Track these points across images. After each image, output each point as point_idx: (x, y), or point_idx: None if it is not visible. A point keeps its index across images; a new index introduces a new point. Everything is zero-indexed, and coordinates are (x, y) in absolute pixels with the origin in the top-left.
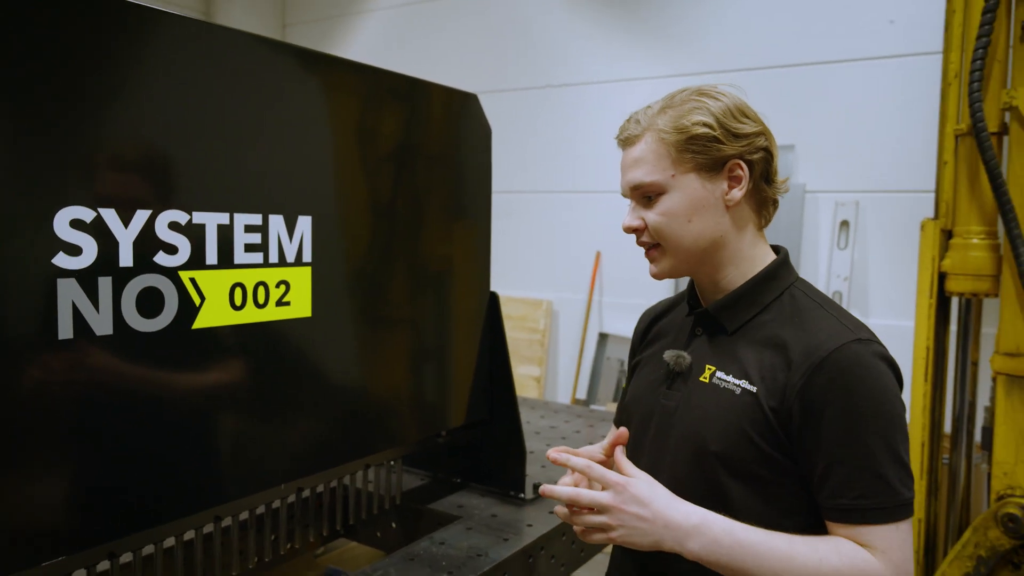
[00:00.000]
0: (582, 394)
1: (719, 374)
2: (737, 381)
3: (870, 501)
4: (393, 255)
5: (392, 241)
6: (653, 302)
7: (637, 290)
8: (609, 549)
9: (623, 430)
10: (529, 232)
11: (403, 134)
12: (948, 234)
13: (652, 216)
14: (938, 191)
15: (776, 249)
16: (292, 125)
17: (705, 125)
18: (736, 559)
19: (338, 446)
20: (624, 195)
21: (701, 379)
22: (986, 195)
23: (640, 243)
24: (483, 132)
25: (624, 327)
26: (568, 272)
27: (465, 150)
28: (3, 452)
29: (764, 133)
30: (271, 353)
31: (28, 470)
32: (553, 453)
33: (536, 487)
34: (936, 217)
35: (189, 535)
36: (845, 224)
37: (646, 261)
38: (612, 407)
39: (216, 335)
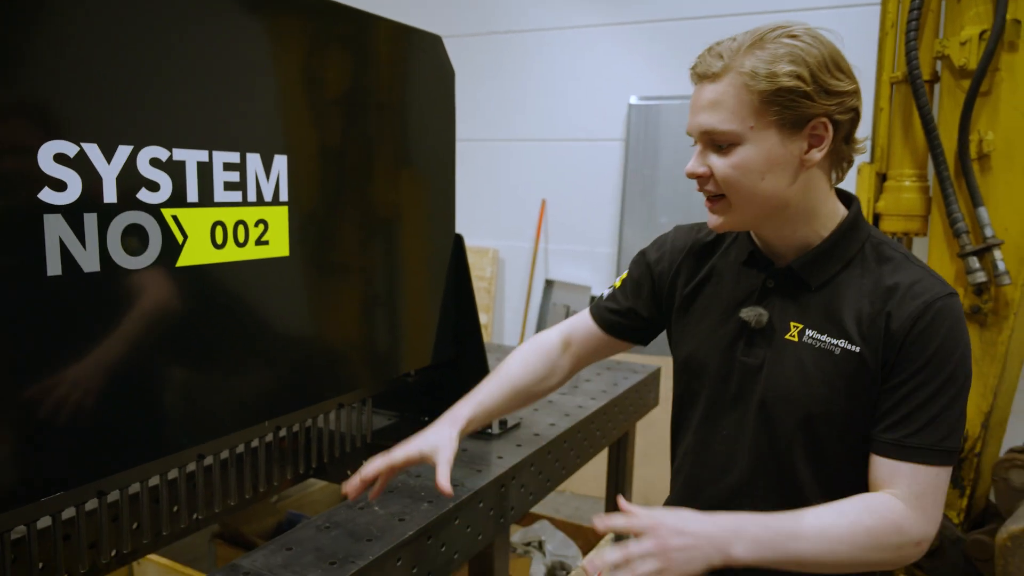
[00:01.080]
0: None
1: (811, 333)
2: (835, 340)
3: (918, 440)
4: (364, 197)
5: (364, 183)
6: (598, 250)
7: (581, 237)
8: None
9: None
10: (475, 181)
11: (374, 75)
12: (883, 177)
13: (722, 166)
14: (874, 136)
15: (846, 200)
16: (268, 63)
17: (797, 77)
18: (779, 550)
19: (311, 386)
20: (689, 134)
21: (788, 337)
22: (918, 140)
23: (702, 190)
24: (447, 75)
25: (569, 273)
26: (514, 220)
27: (429, 93)
28: None
29: (857, 92)
30: (251, 292)
31: (21, 408)
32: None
33: (503, 423)
34: (872, 161)
35: (173, 474)
36: None
37: (589, 210)
38: None
39: (199, 273)
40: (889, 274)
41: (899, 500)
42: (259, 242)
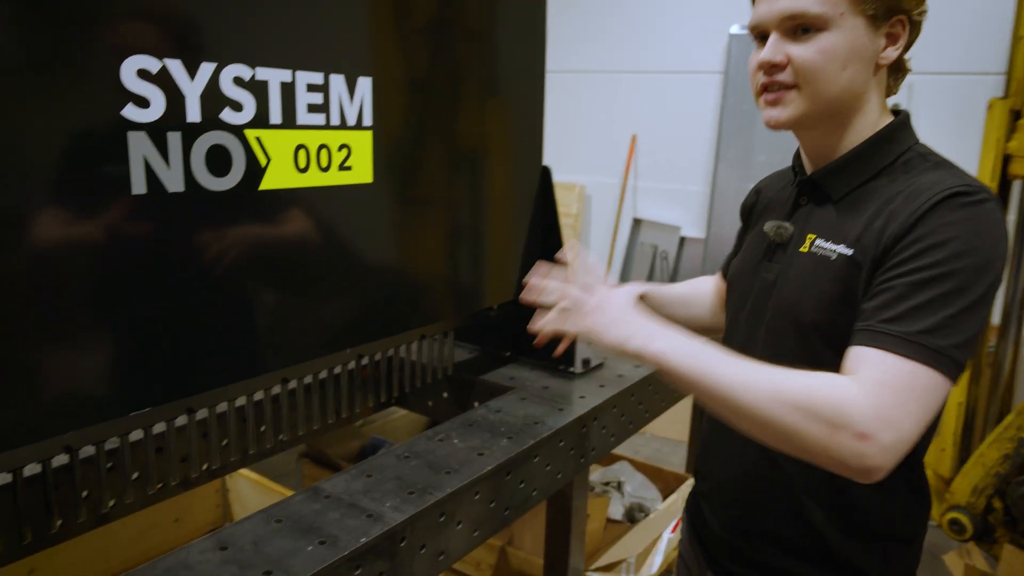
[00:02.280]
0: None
1: (819, 242)
2: (834, 246)
3: (892, 327)
4: (450, 125)
5: (450, 111)
6: (690, 188)
7: (673, 175)
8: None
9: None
10: (564, 114)
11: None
12: (1016, 115)
13: (803, 53)
14: (1010, 69)
15: (896, 114)
16: None
17: None
18: (698, 364)
19: (393, 317)
20: (761, 24)
21: (801, 249)
22: None
23: (771, 81)
24: (537, 2)
25: (658, 212)
26: (602, 156)
27: (518, 20)
28: (86, 307)
29: None
30: (334, 218)
31: (110, 325)
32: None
33: (586, 362)
34: (1005, 96)
35: (258, 396)
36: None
37: (682, 147)
38: None
39: (283, 197)
40: (914, 179)
41: (853, 382)
42: (342, 167)
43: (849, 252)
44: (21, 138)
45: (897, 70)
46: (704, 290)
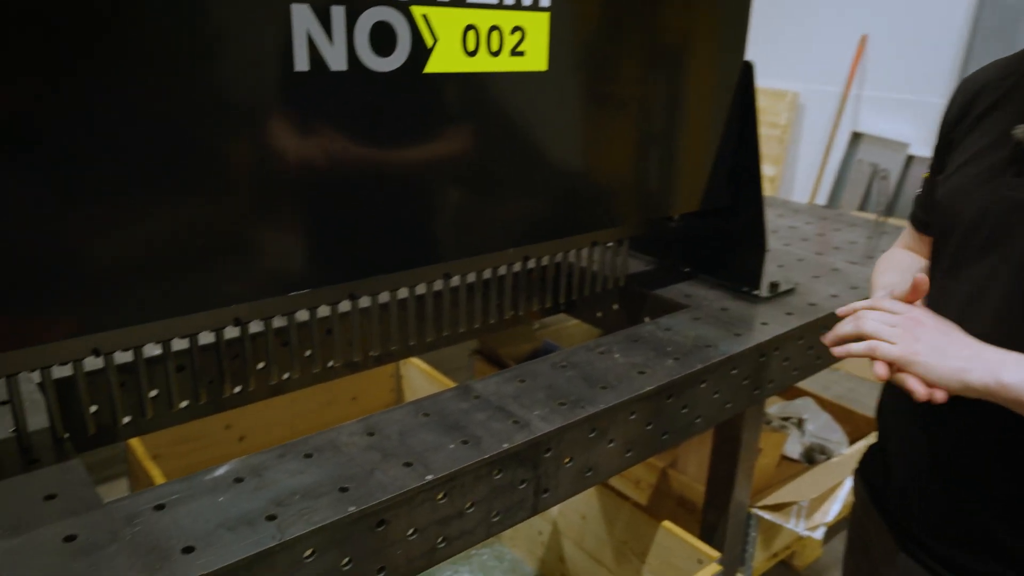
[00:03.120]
0: (822, 199)
1: None
2: None
3: None
4: (638, 11)
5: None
6: (927, 99)
7: (907, 83)
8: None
9: (922, 279)
10: (778, 9)
11: None
12: None
13: None
14: None
15: None
16: None
17: None
18: None
19: (563, 219)
20: None
21: None
22: None
23: None
24: None
25: (884, 126)
26: (822, 60)
27: None
28: (246, 186)
29: None
30: (503, 107)
31: (271, 205)
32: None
33: (774, 285)
34: None
35: (421, 289)
36: None
37: (922, 49)
38: (859, 215)
39: (448, 81)
40: None
41: None
42: (514, 52)
43: None
44: (191, 9)
45: None
46: (907, 263)
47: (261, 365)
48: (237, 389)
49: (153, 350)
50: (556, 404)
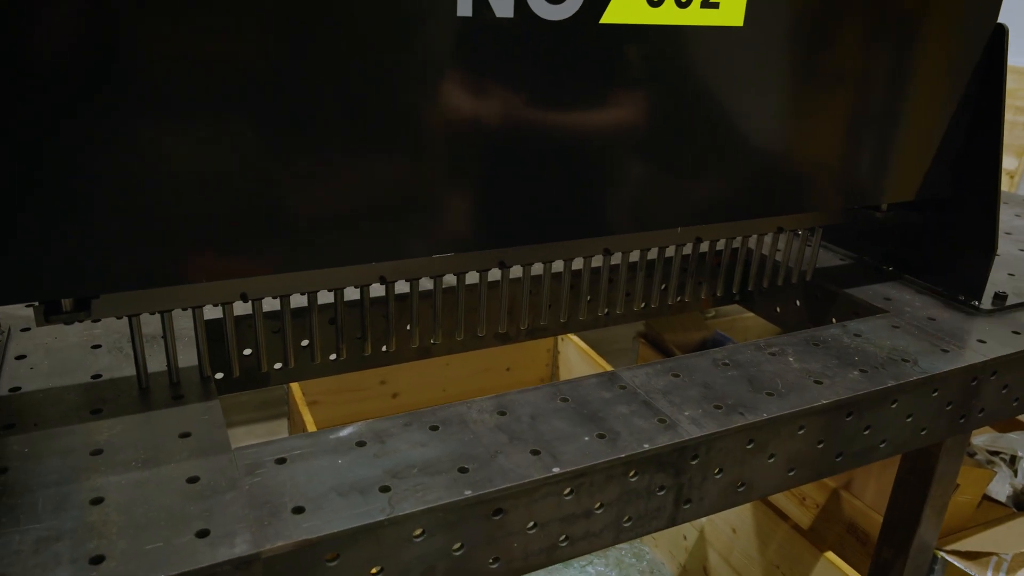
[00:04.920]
0: None
1: None
2: None
3: None
4: None
5: None
6: None
7: None
8: None
9: None
10: None
11: None
12: None
13: None
14: None
15: None
16: None
17: None
18: None
19: (746, 199)
20: None
21: None
22: None
23: None
24: None
25: None
26: None
27: None
28: (404, 139)
29: None
30: (689, 66)
31: (427, 160)
32: None
33: (1000, 297)
34: None
35: (577, 264)
36: None
37: None
38: None
39: (627, 34)
40: None
41: None
42: (706, 4)
43: None
44: None
45: None
46: None
47: (407, 327)
48: (382, 348)
49: (300, 301)
50: (711, 406)
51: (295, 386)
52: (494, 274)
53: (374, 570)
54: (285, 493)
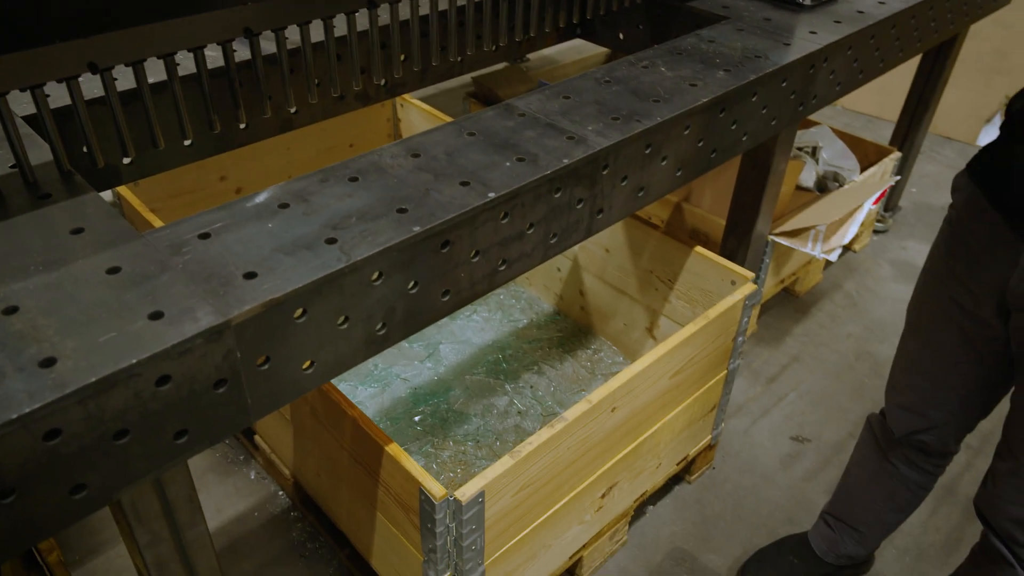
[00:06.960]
0: None
1: None
2: None
3: None
4: None
5: None
6: None
7: None
8: None
9: None
10: None
11: None
12: None
13: None
14: None
15: None
16: None
17: None
18: None
19: None
20: None
21: None
22: None
23: None
24: None
25: None
26: None
27: None
28: None
29: None
30: None
31: None
32: None
33: None
34: None
35: (425, 9)
36: None
37: None
38: None
39: None
40: None
41: None
42: None
43: None
44: None
45: None
46: None
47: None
48: (244, 124)
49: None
50: (609, 119)
51: (128, 195)
52: (341, 28)
53: (340, 319)
54: (228, 263)
